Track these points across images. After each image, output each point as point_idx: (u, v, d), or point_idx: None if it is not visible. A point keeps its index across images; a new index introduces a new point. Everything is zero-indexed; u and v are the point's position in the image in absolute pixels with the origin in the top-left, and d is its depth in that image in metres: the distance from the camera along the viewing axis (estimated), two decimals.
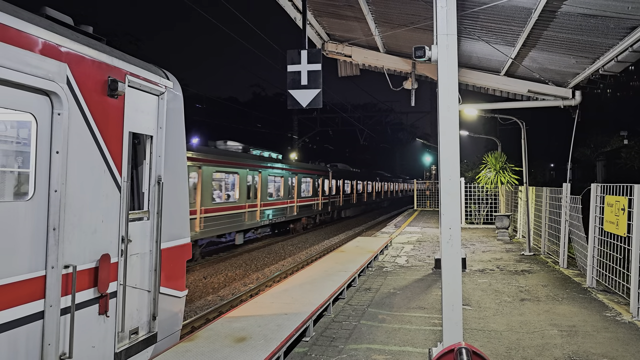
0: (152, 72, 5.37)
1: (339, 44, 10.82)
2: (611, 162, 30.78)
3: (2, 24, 3.58)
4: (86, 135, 4.36)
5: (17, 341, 3.70)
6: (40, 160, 3.93)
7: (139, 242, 5.24)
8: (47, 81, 3.91)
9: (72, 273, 4.13)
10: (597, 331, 6.80)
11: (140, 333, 5.21)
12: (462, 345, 3.63)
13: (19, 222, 3.75)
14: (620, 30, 6.96)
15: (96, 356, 4.48)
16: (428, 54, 5.22)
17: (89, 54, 4.43)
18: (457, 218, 4.98)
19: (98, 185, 4.52)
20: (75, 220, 4.24)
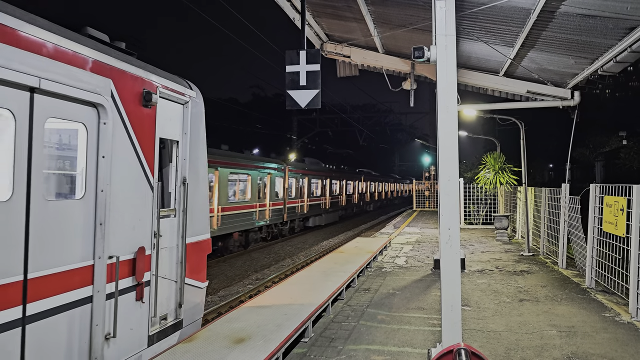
0: (178, 84, 6.01)
1: (337, 45, 10.81)
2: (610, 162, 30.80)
3: (63, 48, 4.19)
4: (126, 142, 4.96)
5: (73, 321, 4.33)
6: (89, 164, 4.56)
7: (168, 237, 5.84)
8: (95, 95, 4.50)
9: (115, 263, 4.74)
10: (596, 332, 6.80)
11: (168, 319, 5.83)
12: (461, 346, 3.63)
13: (73, 218, 4.38)
14: (619, 30, 6.97)
15: (134, 338, 5.06)
16: (427, 55, 5.22)
17: (128, 70, 5.03)
18: (456, 219, 4.98)
19: (135, 185, 5.14)
20: (118, 216, 4.82)
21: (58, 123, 4.39)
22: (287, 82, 6.80)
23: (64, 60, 4.19)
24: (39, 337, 3.97)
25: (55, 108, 4.16)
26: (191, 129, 6.22)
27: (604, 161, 32.62)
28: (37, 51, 3.95)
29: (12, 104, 3.75)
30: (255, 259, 18.44)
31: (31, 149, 3.92)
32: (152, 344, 5.36)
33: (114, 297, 4.69)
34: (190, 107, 6.21)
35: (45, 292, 4.03)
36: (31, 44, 3.89)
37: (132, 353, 5.01)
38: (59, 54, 4.13)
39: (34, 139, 3.95)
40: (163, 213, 5.71)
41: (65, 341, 4.26)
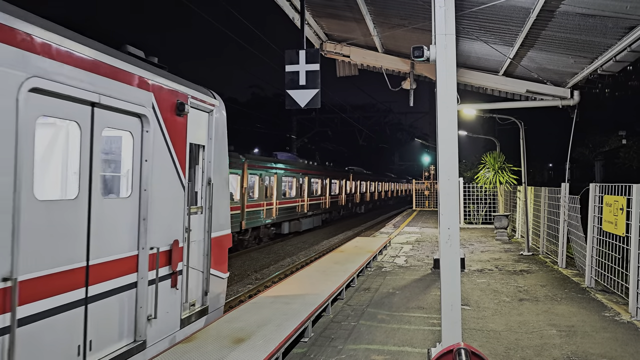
0: (204, 94, 6.67)
1: (337, 44, 10.81)
2: (610, 162, 30.82)
3: (117, 68, 4.88)
4: (163, 147, 5.63)
5: (123, 303, 4.99)
6: (135, 167, 5.22)
7: (196, 231, 6.50)
8: (140, 107, 5.20)
9: (156, 253, 5.41)
10: (596, 331, 6.80)
11: (196, 305, 6.51)
12: (461, 346, 3.63)
13: (122, 214, 5.04)
14: (618, 30, 6.96)
15: (169, 320, 5.76)
16: (426, 54, 5.22)
17: (165, 83, 5.74)
18: (455, 218, 4.98)
19: (171, 185, 5.82)
20: (157, 212, 5.47)
21: (111, 131, 5.05)
22: (287, 82, 6.80)
23: (117, 79, 4.90)
24: (97, 315, 4.61)
25: (109, 119, 4.86)
26: (215, 135, 6.91)
27: (603, 160, 32.64)
28: (98, 72, 4.62)
29: (79, 117, 4.47)
30: (255, 259, 18.44)
31: (92, 155, 4.59)
32: (183, 326, 6.05)
33: (155, 283, 5.39)
34: (214, 115, 6.93)
35: (102, 277, 4.72)
36: (94, 66, 4.58)
37: (168, 333, 5.73)
38: (113, 74, 4.84)
39: (94, 146, 4.62)
40: (192, 210, 6.38)
41: (117, 320, 4.95)
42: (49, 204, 4.18)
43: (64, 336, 4.24)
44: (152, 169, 5.36)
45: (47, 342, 4.07)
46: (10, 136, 3.68)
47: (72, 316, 4.31)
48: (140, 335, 5.16)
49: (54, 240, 4.15)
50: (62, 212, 4.27)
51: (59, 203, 4.35)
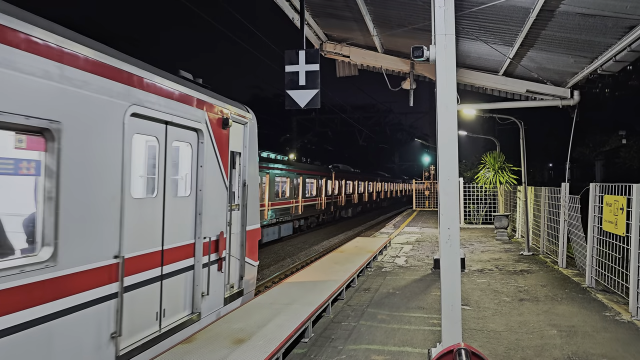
0: (241, 109, 7.81)
1: (337, 44, 10.81)
2: (610, 161, 30.83)
3: (182, 92, 6.02)
4: (213, 155, 6.72)
5: (185, 281, 6.15)
6: (193, 171, 6.36)
7: (235, 225, 7.62)
8: (197, 123, 6.31)
9: (208, 242, 6.52)
10: (597, 331, 6.80)
11: (234, 287, 7.57)
12: (461, 346, 3.62)
13: (185, 209, 6.18)
14: (618, 29, 6.96)
15: (216, 297, 6.86)
16: (426, 54, 5.22)
17: (214, 102, 6.82)
18: (455, 218, 4.98)
19: (218, 186, 6.93)
20: (208, 208, 6.55)
21: (177, 143, 6.12)
22: (287, 82, 6.80)
23: (183, 101, 6.00)
24: (168, 290, 5.72)
25: (177, 134, 5.97)
26: (249, 143, 8.04)
27: (603, 160, 32.65)
28: (171, 98, 5.76)
29: (157, 133, 5.62)
30: None
31: (165, 162, 5.74)
32: (225, 304, 7.11)
33: (207, 266, 6.51)
34: (248, 126, 8.01)
35: (171, 259, 5.80)
36: (168, 94, 5.73)
37: (215, 309, 6.82)
38: (180, 98, 5.95)
39: (167, 155, 5.79)
40: (232, 207, 7.47)
41: (182, 294, 6.07)
42: (140, 201, 5.38)
43: (149, 304, 5.41)
44: (205, 173, 6.50)
45: (140, 307, 5.21)
46: (119, 149, 4.79)
47: (154, 288, 5.47)
48: (196, 308, 6.31)
49: (143, 229, 5.32)
50: (148, 208, 5.47)
51: (146, 200, 5.53)
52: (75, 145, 4.28)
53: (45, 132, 4.01)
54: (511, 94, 11.11)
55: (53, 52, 4.08)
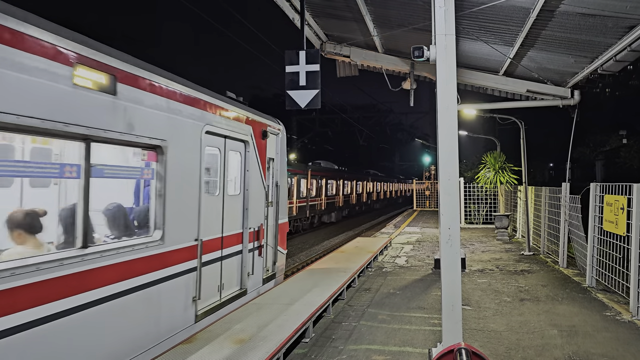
0: (275, 122, 9.23)
1: (337, 45, 10.80)
2: (610, 161, 30.83)
3: (236, 113, 7.42)
4: (255, 161, 8.10)
5: (237, 262, 7.54)
6: (241, 174, 7.76)
7: (270, 218, 8.92)
8: (245, 136, 7.70)
9: (252, 232, 7.93)
10: (597, 331, 6.80)
11: (269, 271, 8.83)
12: (461, 346, 3.63)
13: (236, 205, 7.57)
14: (618, 29, 6.96)
15: (257, 278, 8.22)
16: (427, 54, 5.22)
17: (256, 118, 8.25)
18: (456, 218, 4.98)
19: (259, 186, 8.27)
20: (253, 205, 7.96)
21: (231, 153, 7.45)
22: (287, 83, 6.80)
23: (236, 119, 7.44)
24: (225, 268, 7.09)
25: (231, 145, 7.39)
26: (280, 150, 9.41)
27: (604, 160, 32.65)
28: (229, 117, 7.19)
29: (219, 145, 7.06)
30: None
31: (224, 168, 7.15)
32: (263, 284, 8.44)
33: (252, 251, 7.94)
34: (279, 136, 9.41)
35: (227, 244, 7.18)
36: (228, 113, 7.18)
37: (257, 287, 8.17)
38: (235, 117, 7.41)
39: (226, 163, 7.18)
40: (268, 204, 8.79)
41: (234, 273, 7.45)
42: (209, 198, 6.68)
43: (214, 278, 6.80)
44: (250, 176, 7.86)
45: (209, 280, 6.59)
46: (197, 159, 6.24)
47: (217, 266, 6.86)
48: (244, 285, 7.65)
49: (211, 220, 6.66)
50: (213, 203, 6.83)
51: (212, 197, 6.86)
52: (174, 157, 5.65)
53: (157, 148, 5.43)
54: (512, 94, 11.11)
55: (164, 91, 5.56)
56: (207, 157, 6.69)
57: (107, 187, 5.40)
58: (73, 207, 4.44)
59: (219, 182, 7.06)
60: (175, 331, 5.65)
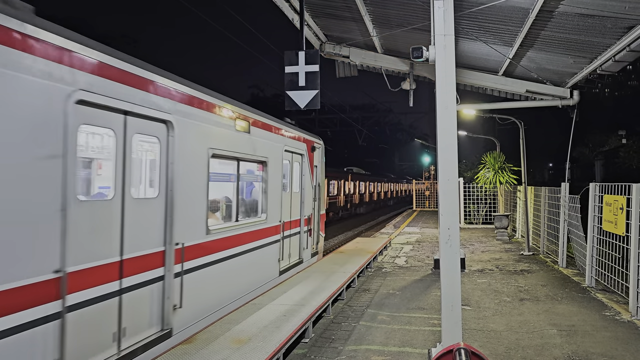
0: (317, 139, 11.97)
1: (336, 45, 10.81)
2: (610, 161, 30.84)
3: (296, 134, 10.03)
4: (308, 168, 10.86)
5: (296, 240, 10.16)
6: (300, 178, 10.47)
7: (315, 210, 11.54)
8: (302, 150, 10.43)
9: (306, 219, 10.65)
10: (597, 330, 6.80)
11: (314, 249, 11.43)
12: (461, 346, 3.63)
13: (297, 199, 10.27)
14: (617, 29, 6.97)
15: (308, 252, 10.93)
16: (426, 55, 5.22)
17: (307, 137, 11.00)
18: (455, 218, 4.98)
19: (309, 186, 11.02)
20: (306, 199, 10.72)
21: (295, 163, 10.25)
22: (286, 83, 6.80)
23: (297, 139, 10.18)
24: (288, 244, 9.58)
25: (295, 157, 10.16)
26: (320, 159, 12.11)
27: (603, 160, 32.64)
28: (294, 139, 9.88)
29: (289, 158, 9.75)
30: None
31: (291, 174, 10.03)
32: (311, 257, 11.09)
33: (306, 233, 10.67)
34: (320, 149, 12.23)
35: (292, 227, 9.88)
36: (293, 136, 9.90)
37: (308, 259, 10.79)
38: (297, 138, 10.17)
39: (292, 170, 9.97)
40: (314, 199, 11.46)
41: (296, 248, 10.18)
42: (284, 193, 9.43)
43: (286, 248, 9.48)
44: (305, 178, 10.71)
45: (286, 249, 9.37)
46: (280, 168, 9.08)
47: (288, 241, 9.45)
48: (300, 257, 10.29)
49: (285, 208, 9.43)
50: (285, 197, 9.46)
51: (286, 193, 9.54)
52: (271, 168, 8.48)
53: (263, 163, 8.30)
54: (511, 94, 11.12)
55: (266, 126, 8.44)
56: (283, 167, 9.55)
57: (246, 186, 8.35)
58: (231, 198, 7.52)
59: (287, 183, 9.80)
60: (271, 278, 8.52)
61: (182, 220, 5.74)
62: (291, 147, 9.74)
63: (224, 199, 7.59)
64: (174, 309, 5.56)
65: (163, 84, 5.53)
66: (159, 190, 5.48)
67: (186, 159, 5.86)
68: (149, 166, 5.71)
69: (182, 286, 5.69)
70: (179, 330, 5.65)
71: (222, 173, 7.43)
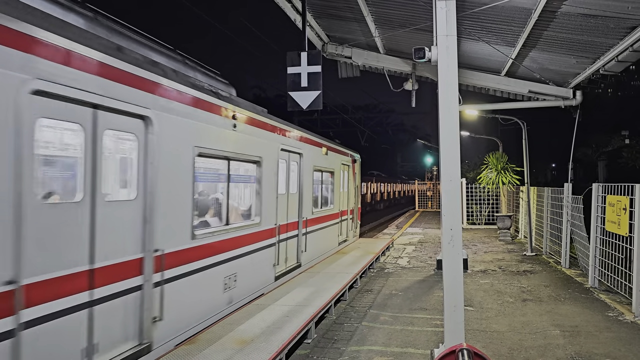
0: (356, 153, 15.72)
1: (338, 46, 10.82)
2: (613, 161, 30.77)
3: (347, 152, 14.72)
4: (352, 174, 15.09)
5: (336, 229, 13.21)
6: (348, 182, 14.52)
7: (356, 205, 15.64)
8: (350, 162, 14.76)
9: (352, 209, 15.10)
10: (600, 331, 6.79)
11: (355, 233, 15.51)
12: (463, 346, 3.62)
13: (345, 197, 14.28)
14: (620, 30, 6.96)
15: (353, 235, 15.28)
16: (428, 55, 5.22)
17: (351, 153, 15.10)
18: (458, 219, 4.98)
19: (353, 187, 15.24)
20: (351, 196, 14.89)
21: (344, 172, 13.97)
22: (289, 84, 6.81)
23: (346, 155, 14.29)
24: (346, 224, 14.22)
25: (345, 167, 14.14)
26: (358, 168, 15.70)
27: (606, 160, 32.57)
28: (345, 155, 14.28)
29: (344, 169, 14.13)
30: None
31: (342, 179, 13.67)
32: (353, 238, 14.87)
33: (351, 219, 14.84)
34: (359, 161, 15.95)
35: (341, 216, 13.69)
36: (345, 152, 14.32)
37: (352, 241, 14.62)
38: (345, 153, 14.28)
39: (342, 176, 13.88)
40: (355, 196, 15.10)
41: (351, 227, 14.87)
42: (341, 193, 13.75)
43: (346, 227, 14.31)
44: (350, 181, 14.33)
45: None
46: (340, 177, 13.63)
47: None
48: (347, 235, 13.97)
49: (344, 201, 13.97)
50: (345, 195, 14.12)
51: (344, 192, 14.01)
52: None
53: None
54: (513, 95, 11.11)
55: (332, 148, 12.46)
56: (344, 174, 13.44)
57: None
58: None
59: (341, 186, 13.43)
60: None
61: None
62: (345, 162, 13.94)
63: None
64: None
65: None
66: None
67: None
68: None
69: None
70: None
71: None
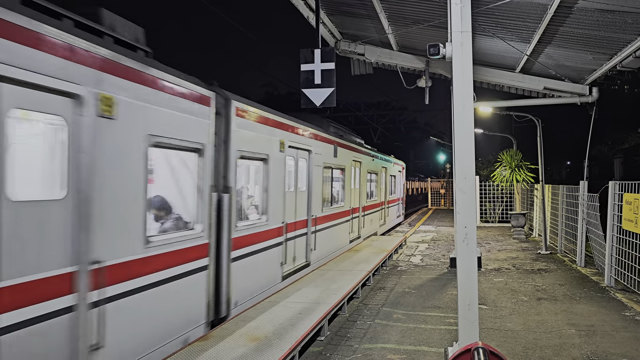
0: (403, 162, 24.90)
1: (351, 43, 10.79)
2: (629, 159, 30.30)
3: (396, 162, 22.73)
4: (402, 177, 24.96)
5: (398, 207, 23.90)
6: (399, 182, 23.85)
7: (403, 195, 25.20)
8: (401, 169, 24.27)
9: (402, 197, 25.40)
10: (616, 331, 6.70)
11: (401, 215, 24.55)
12: (478, 345, 3.60)
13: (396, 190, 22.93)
14: (638, 25, 6.85)
15: (399, 219, 24.20)
16: (442, 52, 5.18)
17: (400, 163, 23.92)
18: (472, 216, 4.94)
19: (401, 184, 24.43)
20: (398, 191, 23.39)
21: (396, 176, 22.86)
22: (302, 81, 6.80)
23: (398, 165, 23.12)
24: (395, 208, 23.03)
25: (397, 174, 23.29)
26: (405, 173, 25.40)
27: (622, 158, 32.08)
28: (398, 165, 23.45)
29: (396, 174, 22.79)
30: None
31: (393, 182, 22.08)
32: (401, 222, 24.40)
33: (403, 204, 25.17)
34: (404, 169, 25.00)
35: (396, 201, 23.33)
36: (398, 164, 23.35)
37: (393, 224, 22.06)
38: (397, 164, 23.16)
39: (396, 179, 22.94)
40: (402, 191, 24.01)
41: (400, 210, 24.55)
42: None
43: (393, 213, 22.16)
44: (400, 182, 23.39)
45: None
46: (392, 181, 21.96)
47: (400, 206, 23.43)
48: (387, 225, 19.63)
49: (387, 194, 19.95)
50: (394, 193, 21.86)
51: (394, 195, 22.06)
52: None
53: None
54: (528, 92, 11.00)
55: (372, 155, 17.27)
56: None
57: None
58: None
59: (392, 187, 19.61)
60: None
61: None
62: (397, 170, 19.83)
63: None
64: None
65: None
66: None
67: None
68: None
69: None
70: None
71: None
